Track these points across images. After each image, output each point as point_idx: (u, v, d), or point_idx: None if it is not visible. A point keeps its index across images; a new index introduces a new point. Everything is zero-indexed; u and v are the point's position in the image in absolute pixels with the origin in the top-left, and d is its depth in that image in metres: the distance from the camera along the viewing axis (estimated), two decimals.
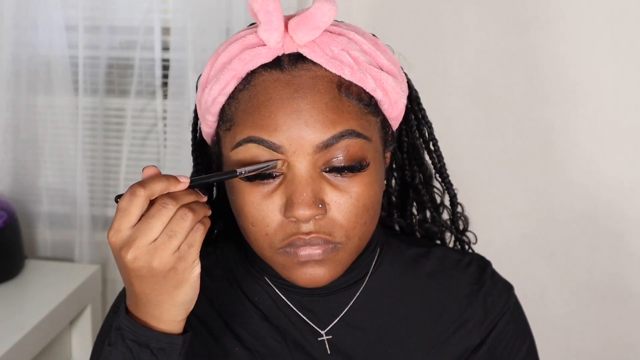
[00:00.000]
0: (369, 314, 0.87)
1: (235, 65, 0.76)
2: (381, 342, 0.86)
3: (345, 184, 0.76)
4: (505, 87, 1.78)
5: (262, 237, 0.77)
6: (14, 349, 1.54)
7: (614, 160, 1.78)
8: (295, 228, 0.75)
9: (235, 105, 0.77)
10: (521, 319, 0.93)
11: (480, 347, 0.88)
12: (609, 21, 1.71)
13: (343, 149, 0.74)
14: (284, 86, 0.74)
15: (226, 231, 0.98)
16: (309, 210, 0.73)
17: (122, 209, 0.68)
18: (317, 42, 0.76)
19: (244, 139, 0.75)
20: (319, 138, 0.73)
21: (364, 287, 0.88)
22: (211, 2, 1.79)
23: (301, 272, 0.77)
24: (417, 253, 0.92)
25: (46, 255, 2.01)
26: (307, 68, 0.75)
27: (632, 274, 1.83)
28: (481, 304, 0.89)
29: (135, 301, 0.72)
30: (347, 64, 0.76)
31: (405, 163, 0.95)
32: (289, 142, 0.73)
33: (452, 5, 1.77)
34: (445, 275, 0.91)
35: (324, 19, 0.74)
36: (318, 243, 0.76)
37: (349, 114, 0.75)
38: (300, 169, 0.74)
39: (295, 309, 0.86)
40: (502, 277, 0.93)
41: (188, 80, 1.83)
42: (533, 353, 0.93)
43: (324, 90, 0.75)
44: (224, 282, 0.89)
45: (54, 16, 1.86)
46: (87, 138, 1.95)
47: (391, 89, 0.79)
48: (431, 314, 0.88)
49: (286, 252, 0.77)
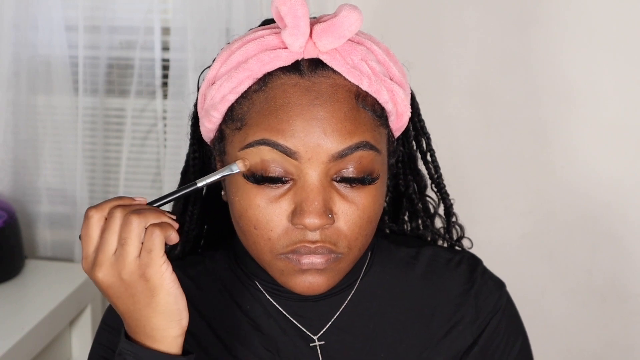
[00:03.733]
0: (361, 318, 0.86)
1: (252, 65, 0.75)
2: (373, 345, 0.86)
3: (353, 195, 0.76)
4: (505, 87, 1.78)
5: (264, 240, 0.76)
6: (14, 349, 1.54)
7: (614, 160, 1.78)
8: (302, 235, 0.75)
9: (248, 105, 0.76)
10: (514, 316, 0.92)
11: (473, 347, 0.87)
12: (609, 21, 1.71)
13: (356, 160, 0.74)
14: (304, 92, 0.74)
15: (214, 237, 0.97)
16: (319, 219, 0.73)
17: (83, 235, 0.69)
18: (338, 49, 0.75)
19: (256, 140, 0.74)
20: (335, 148, 0.73)
21: (355, 290, 0.87)
22: (211, 2, 1.79)
23: (300, 280, 0.77)
24: (407, 254, 0.92)
25: (46, 255, 2.01)
26: (326, 75, 0.75)
27: (632, 274, 1.83)
28: (472, 304, 0.89)
29: (127, 323, 0.72)
30: (366, 74, 0.75)
31: (400, 172, 0.95)
32: (305, 149, 0.73)
33: (452, 5, 1.77)
34: (435, 275, 0.90)
35: (350, 29, 0.73)
36: (322, 252, 0.76)
37: (365, 125, 0.75)
38: (313, 176, 0.74)
39: (287, 314, 0.86)
40: (493, 275, 0.93)
41: (188, 80, 1.83)
42: (526, 351, 0.92)
43: (343, 100, 0.74)
44: (213, 291, 0.88)
45: (54, 16, 1.85)
46: (87, 138, 1.95)
47: (400, 101, 0.79)
48: (423, 315, 0.88)
49: (287, 258, 0.76)
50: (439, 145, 0.97)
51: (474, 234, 1.02)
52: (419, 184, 0.96)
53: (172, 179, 1.90)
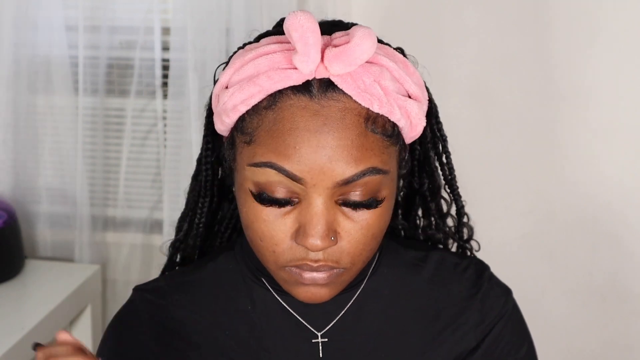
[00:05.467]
0: (365, 317, 0.87)
1: (263, 82, 0.74)
2: (375, 345, 0.86)
3: (358, 215, 0.76)
4: (505, 87, 1.78)
5: (269, 252, 0.77)
6: (14, 348, 1.54)
7: (615, 160, 1.78)
8: (304, 253, 0.76)
9: (258, 121, 0.76)
10: (519, 323, 0.92)
11: (476, 350, 0.87)
12: (609, 21, 1.71)
13: (362, 185, 0.74)
14: (312, 116, 0.73)
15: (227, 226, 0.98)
16: (322, 242, 0.74)
17: None
18: (350, 72, 0.74)
19: (264, 162, 0.74)
20: (340, 175, 0.73)
21: (361, 290, 0.88)
22: (211, 2, 1.78)
23: (303, 290, 0.78)
24: (415, 257, 0.92)
25: (46, 255, 2.01)
26: (336, 98, 0.74)
27: (632, 274, 1.83)
28: (478, 307, 0.89)
29: None
30: (377, 96, 0.75)
31: (415, 170, 0.94)
32: (310, 176, 0.73)
33: (452, 5, 1.77)
34: (442, 279, 0.90)
35: (362, 57, 0.72)
36: (324, 270, 0.77)
37: (372, 150, 0.74)
38: (317, 200, 0.74)
39: (292, 311, 0.86)
40: (500, 281, 0.93)
41: (188, 80, 1.83)
42: (531, 357, 0.92)
43: (351, 125, 0.74)
44: (212, 296, 0.89)
45: (54, 16, 1.86)
46: (87, 138, 1.95)
47: (414, 115, 0.79)
48: (427, 317, 0.88)
49: (291, 271, 0.77)
50: (452, 158, 0.96)
51: (474, 234, 1.02)
52: (433, 184, 0.96)
53: (172, 179, 1.90)
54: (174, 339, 0.87)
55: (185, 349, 0.86)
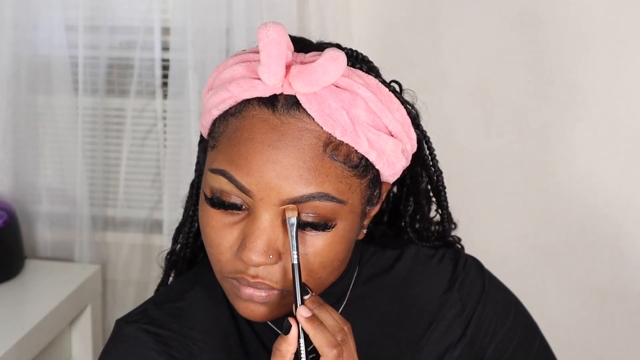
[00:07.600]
0: (352, 328, 0.87)
1: (233, 89, 0.74)
2: (365, 354, 0.85)
3: (306, 239, 0.74)
4: (505, 87, 1.78)
5: (215, 261, 0.77)
6: (14, 349, 1.54)
7: (615, 160, 1.78)
8: (244, 267, 0.75)
9: (224, 127, 0.76)
10: (499, 293, 0.92)
11: (462, 338, 0.88)
12: (610, 22, 1.71)
13: (311, 209, 0.73)
14: (269, 130, 0.72)
15: None
16: (257, 258, 0.72)
17: None
18: (317, 93, 0.73)
19: (219, 169, 0.74)
20: (287, 194, 0.72)
21: (345, 303, 0.87)
22: (211, 2, 1.78)
23: (242, 304, 0.77)
24: (392, 256, 0.92)
25: (46, 255, 2.00)
26: (298, 117, 0.73)
27: (632, 274, 1.83)
28: (457, 298, 0.89)
29: None
30: (341, 123, 0.73)
31: (403, 197, 0.93)
32: (258, 189, 0.72)
33: (452, 5, 1.77)
34: (420, 275, 0.91)
35: (324, 78, 0.71)
36: (262, 288, 0.75)
37: (327, 176, 0.72)
38: (263, 215, 0.73)
39: (276, 328, 0.85)
40: (473, 262, 0.92)
41: (188, 80, 1.83)
42: (522, 318, 0.92)
43: (307, 147, 0.72)
44: (207, 319, 0.86)
45: (54, 16, 1.85)
46: (87, 138, 1.95)
47: (390, 152, 0.77)
48: (412, 317, 0.88)
49: (232, 283, 0.77)
50: (439, 145, 0.95)
51: (474, 234, 1.02)
52: (421, 212, 0.94)
53: (172, 179, 1.90)
54: None
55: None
